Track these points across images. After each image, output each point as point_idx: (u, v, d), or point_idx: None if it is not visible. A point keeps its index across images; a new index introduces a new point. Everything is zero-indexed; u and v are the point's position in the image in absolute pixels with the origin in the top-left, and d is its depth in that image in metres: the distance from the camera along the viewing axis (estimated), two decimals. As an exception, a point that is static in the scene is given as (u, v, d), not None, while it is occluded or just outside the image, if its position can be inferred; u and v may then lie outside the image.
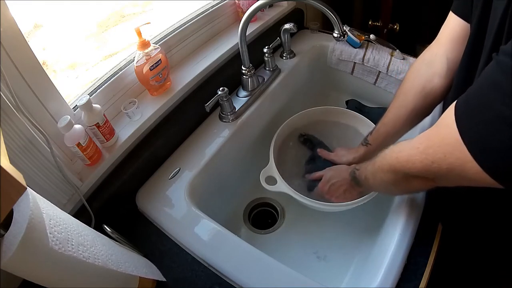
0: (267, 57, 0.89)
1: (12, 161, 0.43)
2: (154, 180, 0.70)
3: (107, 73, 0.71)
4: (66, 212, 0.39)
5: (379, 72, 0.94)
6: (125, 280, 0.48)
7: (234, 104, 0.81)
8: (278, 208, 0.86)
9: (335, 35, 0.66)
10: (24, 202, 0.32)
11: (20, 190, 0.28)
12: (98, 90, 0.67)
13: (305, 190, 0.77)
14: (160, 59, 0.70)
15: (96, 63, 0.80)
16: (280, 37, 0.94)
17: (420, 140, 0.43)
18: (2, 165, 0.25)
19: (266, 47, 0.88)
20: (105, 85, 0.68)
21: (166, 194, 0.67)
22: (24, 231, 0.30)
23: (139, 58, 0.68)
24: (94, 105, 0.60)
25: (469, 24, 0.51)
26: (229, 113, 0.79)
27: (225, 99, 0.77)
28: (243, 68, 0.82)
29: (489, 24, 0.40)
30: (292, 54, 0.98)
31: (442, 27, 0.59)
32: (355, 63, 0.98)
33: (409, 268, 0.53)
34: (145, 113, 0.70)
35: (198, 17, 0.85)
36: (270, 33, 0.96)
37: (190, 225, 0.61)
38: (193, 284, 0.55)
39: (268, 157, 0.76)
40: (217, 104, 0.79)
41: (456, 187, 0.41)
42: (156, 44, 0.71)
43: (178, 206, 0.64)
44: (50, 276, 0.35)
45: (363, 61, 0.95)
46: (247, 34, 0.77)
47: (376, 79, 0.96)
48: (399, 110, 0.64)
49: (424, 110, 0.63)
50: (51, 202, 0.38)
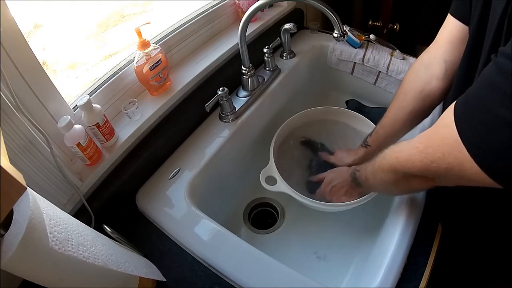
0: (267, 57, 0.89)
1: (12, 161, 0.43)
2: (154, 180, 0.70)
3: (107, 73, 0.71)
4: (66, 212, 0.39)
5: (379, 72, 0.94)
6: (125, 280, 0.48)
7: (234, 104, 0.81)
8: (278, 208, 0.86)
9: (335, 35, 0.66)
10: (24, 202, 0.32)
11: (20, 190, 0.28)
12: (98, 90, 0.67)
13: (306, 191, 0.77)
14: (160, 59, 0.70)
15: (96, 63, 0.80)
16: (280, 37, 0.94)
17: (420, 140, 0.43)
18: (2, 165, 0.25)
19: (266, 47, 0.88)
20: (105, 85, 0.68)
21: (166, 194, 0.67)
22: (24, 231, 0.30)
23: (139, 58, 0.68)
24: (94, 105, 0.60)
25: (467, 27, 0.51)
26: (229, 113, 0.79)
27: (225, 99, 0.77)
28: (243, 68, 0.82)
29: (488, 26, 0.41)
30: (292, 54, 0.98)
31: (441, 29, 0.59)
32: (355, 63, 0.98)
33: (409, 268, 0.53)
34: (145, 113, 0.70)
35: (198, 17, 0.85)
36: (270, 33, 0.96)
37: (190, 225, 0.61)
38: (193, 284, 0.55)
39: (268, 157, 0.76)
40: (217, 104, 0.79)
41: (456, 187, 0.41)
42: (156, 44, 0.71)
43: (178, 206, 0.64)
44: (50, 276, 0.35)
45: (363, 61, 0.95)
46: (247, 34, 0.77)
47: (376, 79, 0.96)
48: (398, 112, 0.64)
49: (423, 112, 0.63)
50: (51, 202, 0.38)
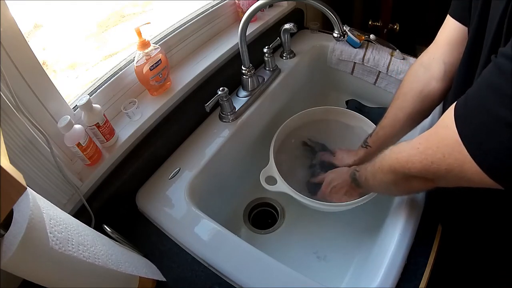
0: (267, 57, 0.89)
1: (12, 161, 0.43)
2: (154, 180, 0.70)
3: (107, 73, 0.71)
4: (66, 212, 0.39)
5: (379, 72, 0.94)
6: (125, 280, 0.48)
7: (234, 104, 0.81)
8: (278, 208, 0.86)
9: (335, 35, 0.66)
10: (24, 202, 0.32)
11: (20, 190, 0.28)
12: (98, 90, 0.67)
13: (308, 192, 0.77)
14: (160, 59, 0.70)
15: (96, 63, 0.80)
16: (280, 37, 0.94)
17: (420, 141, 0.43)
18: (2, 165, 0.25)
19: (266, 47, 0.88)
20: (105, 85, 0.68)
21: (166, 194, 0.67)
22: (24, 231, 0.30)
23: (139, 58, 0.68)
24: (94, 105, 0.60)
25: (467, 28, 0.51)
26: (229, 113, 0.79)
27: (225, 99, 0.77)
28: (243, 68, 0.82)
29: (488, 26, 0.40)
30: (292, 54, 0.98)
31: (440, 30, 0.59)
32: (355, 63, 0.98)
33: (409, 268, 0.53)
34: (145, 113, 0.70)
35: (198, 17, 0.85)
36: (270, 33, 0.96)
37: (190, 225, 0.61)
38: (193, 284, 0.55)
39: (268, 157, 0.76)
40: (217, 104, 0.79)
41: (456, 188, 0.41)
42: (156, 44, 0.71)
43: (178, 206, 0.64)
44: (50, 276, 0.35)
45: (363, 61, 0.95)
46: (247, 34, 0.76)
47: (376, 79, 0.96)
48: (398, 113, 0.64)
49: (422, 113, 0.63)
50: (51, 202, 0.38)
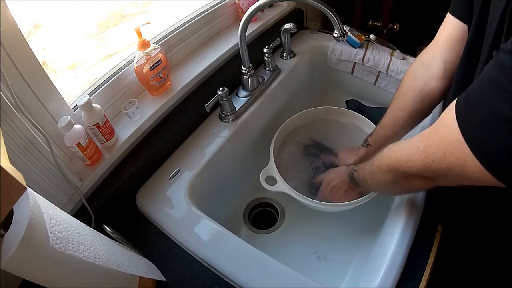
0: (267, 57, 0.89)
1: (12, 161, 0.43)
2: (154, 180, 0.70)
3: (107, 73, 0.71)
4: (66, 212, 0.39)
5: (379, 72, 0.94)
6: (126, 280, 0.48)
7: (234, 104, 0.81)
8: (278, 208, 0.86)
9: (335, 35, 0.66)
10: (24, 202, 0.32)
11: (20, 190, 0.28)
12: (98, 90, 0.67)
13: (307, 192, 0.77)
14: (160, 59, 0.70)
15: (96, 63, 0.80)
16: (280, 37, 0.94)
17: (420, 139, 0.43)
18: (2, 165, 0.25)
19: (266, 47, 0.88)
20: (105, 85, 0.68)
21: (166, 194, 0.67)
22: (24, 231, 0.30)
23: (139, 58, 0.68)
24: (94, 105, 0.60)
25: (467, 26, 0.51)
26: (229, 113, 0.79)
27: (225, 99, 0.77)
28: (243, 68, 0.82)
29: (488, 24, 0.40)
30: (292, 54, 0.98)
31: (440, 29, 0.58)
32: (355, 63, 0.98)
33: (409, 268, 0.53)
34: (145, 113, 0.70)
35: (198, 17, 0.85)
36: (270, 33, 0.96)
37: (190, 225, 0.61)
38: (193, 284, 0.55)
39: (268, 157, 0.76)
40: (217, 104, 0.79)
41: (456, 188, 0.41)
42: (156, 44, 0.71)
43: (178, 206, 0.64)
44: (51, 276, 0.35)
45: (363, 61, 0.95)
46: (247, 34, 0.76)
47: (376, 79, 0.96)
48: (398, 112, 0.64)
49: (423, 112, 0.63)
50: (51, 202, 0.38)
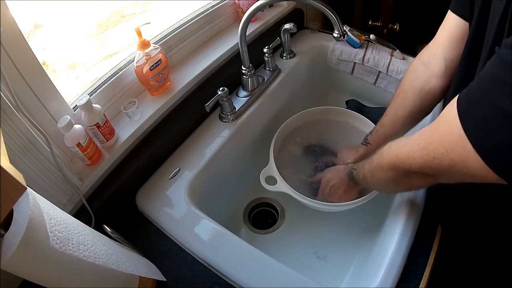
0: (267, 57, 0.89)
1: (12, 161, 0.43)
2: (154, 180, 0.70)
3: (107, 73, 0.71)
4: (66, 212, 0.39)
5: (379, 72, 0.94)
6: (126, 280, 0.48)
7: (234, 104, 0.81)
8: (278, 208, 0.86)
9: (335, 35, 0.66)
10: (24, 202, 0.32)
11: (20, 190, 0.28)
12: (98, 90, 0.67)
13: (307, 192, 0.76)
14: (160, 59, 0.70)
15: (96, 63, 0.80)
16: (280, 37, 0.94)
17: (421, 136, 0.42)
18: (2, 165, 0.25)
19: (266, 47, 0.88)
20: (105, 85, 0.68)
21: (166, 194, 0.67)
22: (24, 231, 0.30)
23: (139, 58, 0.68)
24: (94, 105, 0.60)
25: (468, 23, 0.50)
26: (229, 113, 0.79)
27: (225, 99, 0.77)
28: (243, 68, 0.82)
29: (489, 21, 0.40)
30: (292, 54, 0.98)
31: (440, 27, 0.58)
32: (355, 63, 0.98)
33: (409, 268, 0.53)
34: (145, 113, 0.70)
35: (198, 17, 0.85)
36: (270, 33, 0.96)
37: (190, 225, 0.61)
38: (193, 284, 0.55)
39: (268, 157, 0.76)
40: (217, 104, 0.79)
41: (456, 188, 0.41)
42: (156, 44, 0.71)
43: (178, 206, 0.64)
44: (51, 276, 0.35)
45: (363, 61, 0.95)
46: (247, 34, 0.76)
47: (376, 79, 0.96)
48: (398, 111, 0.64)
49: (423, 111, 0.62)
50: (51, 202, 0.38)
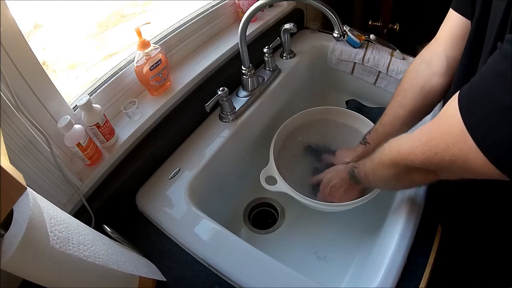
0: (267, 57, 0.89)
1: (12, 161, 0.43)
2: (154, 180, 0.70)
3: (107, 73, 0.71)
4: (66, 212, 0.39)
5: (379, 72, 0.94)
6: (126, 280, 0.48)
7: (234, 104, 0.81)
8: (278, 208, 0.86)
9: (335, 35, 0.66)
10: (24, 202, 0.32)
11: (20, 190, 0.28)
12: (98, 90, 0.67)
13: (308, 192, 0.76)
14: (160, 59, 0.70)
15: (96, 63, 0.80)
16: (280, 37, 0.94)
17: (422, 132, 0.43)
18: (2, 165, 0.25)
19: (266, 47, 0.88)
20: (105, 85, 0.68)
21: (166, 194, 0.67)
22: (24, 231, 0.30)
23: (139, 58, 0.68)
24: (94, 105, 0.60)
25: (469, 21, 0.50)
26: (229, 113, 0.79)
27: (225, 99, 0.77)
28: (243, 68, 0.82)
29: (490, 19, 0.40)
30: (292, 54, 0.98)
31: (442, 25, 0.58)
32: (355, 63, 0.98)
33: (409, 268, 0.53)
34: (145, 113, 0.70)
35: (198, 17, 0.85)
36: (270, 33, 0.96)
37: (190, 225, 0.61)
38: (193, 284, 0.55)
39: (268, 157, 0.76)
40: (217, 104, 0.79)
41: (456, 187, 0.41)
42: (156, 44, 0.71)
43: (178, 206, 0.64)
44: (51, 276, 0.35)
45: (363, 61, 0.95)
46: (247, 34, 0.76)
47: (376, 79, 0.96)
48: (398, 110, 0.64)
49: (424, 110, 0.62)
50: (51, 202, 0.38)
